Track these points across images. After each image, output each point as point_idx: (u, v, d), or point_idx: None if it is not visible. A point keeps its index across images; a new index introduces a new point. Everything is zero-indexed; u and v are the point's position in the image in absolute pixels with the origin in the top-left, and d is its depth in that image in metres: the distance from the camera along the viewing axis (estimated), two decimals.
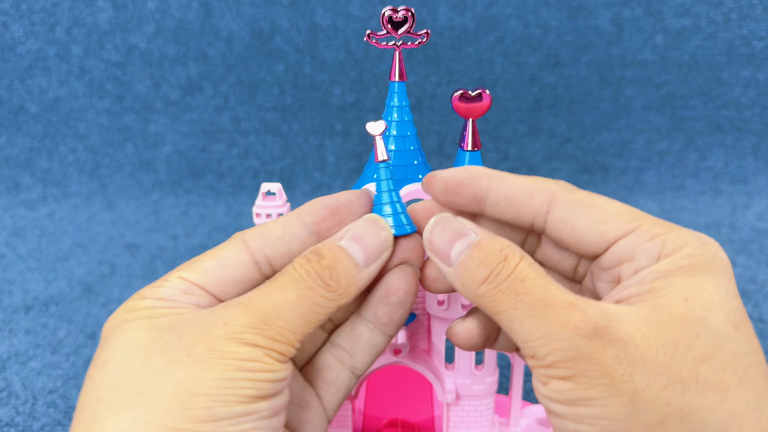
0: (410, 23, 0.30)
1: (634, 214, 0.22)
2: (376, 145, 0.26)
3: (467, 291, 0.22)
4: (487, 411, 0.35)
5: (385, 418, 0.38)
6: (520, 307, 0.21)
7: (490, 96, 0.30)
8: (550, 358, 0.20)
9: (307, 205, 0.26)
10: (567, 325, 0.20)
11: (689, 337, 0.19)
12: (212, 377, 0.20)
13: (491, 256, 0.22)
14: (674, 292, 0.20)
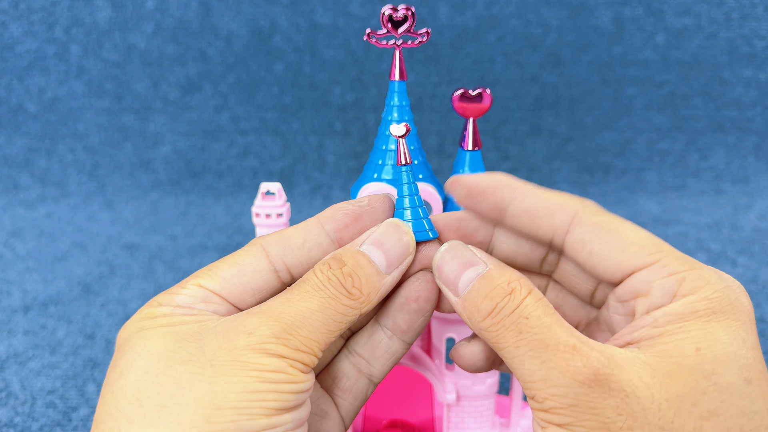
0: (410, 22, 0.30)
1: (656, 245, 0.21)
2: (400, 147, 0.25)
3: (472, 323, 0.22)
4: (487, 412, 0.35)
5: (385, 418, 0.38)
6: (522, 346, 0.20)
7: (491, 95, 0.30)
8: (549, 403, 0.19)
9: (328, 211, 0.25)
10: (567, 369, 0.19)
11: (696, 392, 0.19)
12: (237, 389, 0.19)
13: (497, 289, 0.21)
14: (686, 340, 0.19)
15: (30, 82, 0.80)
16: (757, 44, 0.78)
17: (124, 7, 0.77)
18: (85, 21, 0.78)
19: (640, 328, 0.21)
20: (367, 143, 0.80)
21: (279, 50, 0.78)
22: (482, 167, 0.31)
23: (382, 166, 0.31)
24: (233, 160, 0.81)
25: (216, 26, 0.78)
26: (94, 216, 0.77)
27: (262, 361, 0.20)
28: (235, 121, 0.81)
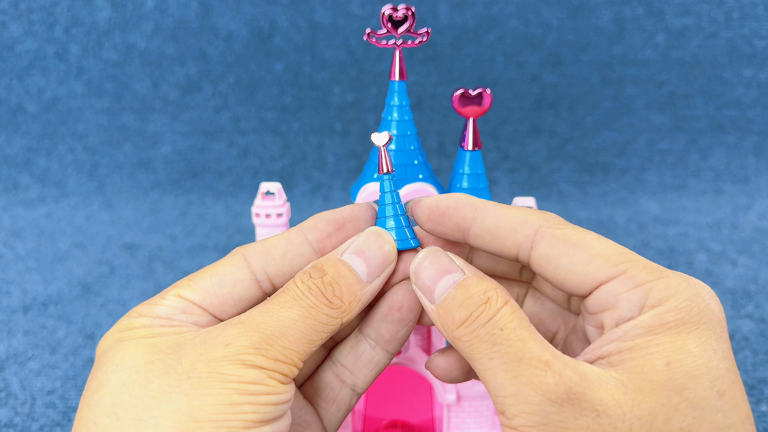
0: (410, 22, 0.30)
1: (622, 255, 0.21)
2: (381, 156, 0.25)
3: (446, 331, 0.21)
4: (487, 412, 0.35)
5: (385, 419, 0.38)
6: (495, 358, 0.20)
7: (491, 95, 0.30)
8: (518, 420, 0.19)
9: (311, 220, 0.25)
10: (539, 386, 0.19)
11: (668, 409, 0.18)
12: (214, 402, 0.19)
13: (473, 298, 0.21)
14: (656, 354, 0.19)
15: (30, 82, 0.80)
16: (757, 44, 0.78)
17: (123, 6, 0.77)
18: (85, 21, 0.78)
19: (609, 342, 0.20)
20: (367, 143, 0.80)
21: (279, 50, 0.78)
22: (482, 167, 0.31)
23: None
24: (233, 160, 0.81)
25: (216, 26, 0.78)
26: (93, 216, 0.77)
27: (239, 373, 0.20)
28: (235, 121, 0.81)
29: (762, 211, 0.76)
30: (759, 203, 0.78)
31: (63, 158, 0.81)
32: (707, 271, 0.63)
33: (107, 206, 0.79)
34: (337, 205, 0.26)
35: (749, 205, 0.78)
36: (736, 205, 0.78)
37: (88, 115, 0.81)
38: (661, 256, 0.65)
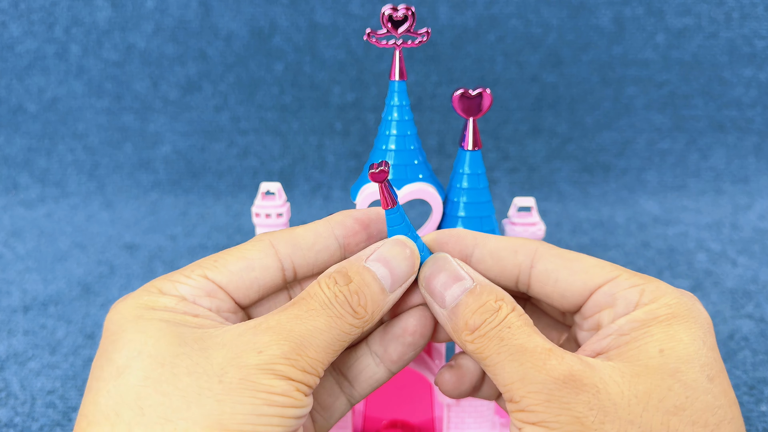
0: (410, 22, 0.30)
1: (614, 266, 0.23)
2: (382, 191, 0.24)
3: (456, 335, 0.23)
4: (487, 412, 0.35)
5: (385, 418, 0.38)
6: (503, 352, 0.21)
7: (491, 95, 0.30)
8: (525, 401, 0.20)
9: (339, 216, 0.25)
10: (543, 368, 0.20)
11: (662, 389, 0.20)
12: (245, 411, 0.19)
13: (486, 306, 0.22)
14: (650, 343, 0.21)
15: (30, 82, 0.80)
16: (757, 44, 0.78)
17: (123, 6, 0.77)
18: (85, 21, 0.78)
19: (606, 336, 0.22)
20: (367, 143, 0.80)
21: (279, 50, 0.78)
22: (482, 167, 0.31)
23: None
24: (233, 160, 0.81)
25: (216, 26, 0.78)
26: (93, 216, 0.77)
27: (271, 383, 0.20)
28: (235, 121, 0.81)
29: (762, 211, 0.76)
30: (759, 203, 0.78)
31: (63, 158, 0.81)
32: (707, 271, 0.63)
33: (107, 206, 0.79)
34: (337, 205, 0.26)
35: (749, 205, 0.78)
36: (736, 205, 0.78)
37: (88, 115, 0.81)
38: (661, 256, 0.65)
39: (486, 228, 0.31)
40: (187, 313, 0.22)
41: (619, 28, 0.77)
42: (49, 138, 0.81)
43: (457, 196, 0.31)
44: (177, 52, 0.78)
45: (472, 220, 0.31)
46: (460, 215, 0.31)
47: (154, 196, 0.80)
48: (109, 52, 0.79)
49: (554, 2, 0.76)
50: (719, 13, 0.77)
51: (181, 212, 0.77)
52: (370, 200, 0.31)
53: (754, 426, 0.41)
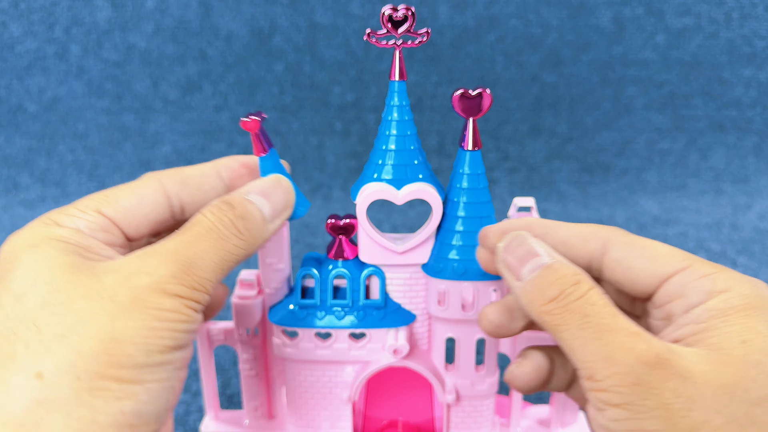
0: (410, 22, 0.30)
1: (685, 254, 0.24)
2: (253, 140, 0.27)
3: (533, 306, 0.23)
4: (487, 412, 0.35)
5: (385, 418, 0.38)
6: (586, 328, 0.21)
7: (491, 95, 0.30)
8: (609, 381, 0.20)
9: (225, 159, 0.28)
10: (631, 351, 0.20)
11: (746, 380, 0.20)
12: (136, 326, 0.20)
13: (564, 278, 0.22)
14: (731, 333, 0.21)
15: (30, 82, 0.80)
16: (757, 44, 0.78)
17: (123, 7, 0.77)
18: (85, 21, 0.78)
19: (683, 326, 0.22)
20: (367, 143, 0.80)
21: (279, 50, 0.78)
22: (482, 167, 0.31)
23: (383, 165, 0.31)
24: None
25: (216, 26, 0.78)
26: None
27: (160, 301, 0.21)
28: (235, 121, 0.81)
29: (762, 211, 0.76)
30: (759, 203, 0.78)
31: (63, 158, 0.82)
32: None
33: None
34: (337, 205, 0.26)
35: (749, 205, 0.78)
36: (736, 205, 0.78)
37: (89, 115, 0.81)
38: None
39: None
40: (81, 245, 0.23)
41: (619, 28, 0.77)
42: (49, 138, 0.81)
43: (457, 196, 0.31)
44: (177, 52, 0.78)
45: (472, 220, 0.31)
46: (460, 215, 0.31)
47: None
48: (109, 52, 0.79)
49: (554, 2, 0.76)
50: (719, 13, 0.77)
51: None
52: (370, 200, 0.31)
53: None
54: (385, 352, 0.33)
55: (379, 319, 0.33)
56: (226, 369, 0.47)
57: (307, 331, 0.33)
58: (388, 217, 0.75)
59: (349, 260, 0.33)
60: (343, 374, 0.34)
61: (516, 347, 0.34)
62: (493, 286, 0.32)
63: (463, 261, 0.31)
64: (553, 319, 0.22)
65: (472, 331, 0.33)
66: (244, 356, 0.35)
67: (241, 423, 0.37)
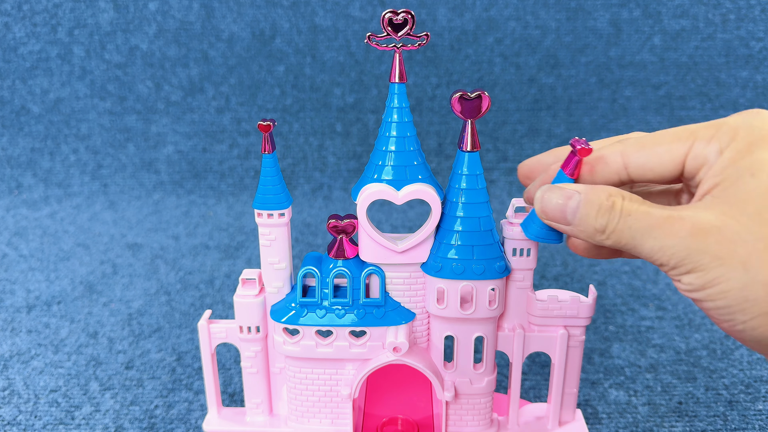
0: (410, 25, 0.30)
1: (687, 130, 0.27)
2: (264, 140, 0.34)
3: (592, 239, 0.27)
4: (485, 409, 0.36)
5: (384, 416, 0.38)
6: (636, 236, 0.25)
7: (489, 97, 0.30)
8: (672, 262, 0.25)
9: None
10: (673, 234, 0.24)
11: (762, 204, 0.24)
12: None
13: (602, 208, 0.26)
14: (742, 171, 0.24)
15: (33, 84, 0.81)
16: (753, 46, 0.79)
17: (126, 9, 0.78)
18: (88, 23, 0.78)
19: (707, 181, 0.26)
20: (367, 144, 0.80)
21: (280, 52, 0.79)
22: (480, 168, 0.32)
23: (383, 166, 0.32)
24: (235, 161, 0.82)
25: (218, 28, 0.78)
26: (97, 216, 0.77)
27: None
28: (237, 122, 0.81)
29: None
30: None
31: (66, 159, 0.82)
32: None
33: (110, 206, 0.79)
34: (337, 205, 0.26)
35: None
36: None
37: (92, 117, 0.81)
38: None
39: (484, 228, 0.32)
40: None
41: (617, 30, 0.78)
42: (52, 139, 0.82)
43: (456, 196, 0.32)
44: (179, 54, 0.79)
45: (471, 221, 0.32)
46: (459, 215, 0.32)
47: (157, 197, 0.81)
48: (111, 54, 0.79)
49: (552, 5, 0.77)
50: (716, 15, 0.78)
51: (184, 212, 0.78)
52: (371, 200, 0.32)
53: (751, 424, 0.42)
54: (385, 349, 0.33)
55: (379, 318, 0.33)
56: (228, 367, 0.48)
57: (308, 329, 0.33)
58: (387, 217, 0.76)
59: (350, 259, 0.33)
60: (344, 372, 0.35)
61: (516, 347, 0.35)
62: (491, 285, 0.32)
63: (462, 260, 0.32)
64: (612, 242, 0.26)
65: (470, 330, 0.33)
66: (246, 354, 0.35)
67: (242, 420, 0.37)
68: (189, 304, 0.57)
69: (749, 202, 0.24)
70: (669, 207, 0.26)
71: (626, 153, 0.28)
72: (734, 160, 0.25)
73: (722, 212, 0.24)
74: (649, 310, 0.55)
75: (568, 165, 0.28)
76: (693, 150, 0.26)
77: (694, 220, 0.24)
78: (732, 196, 0.24)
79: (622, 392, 0.45)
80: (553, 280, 0.61)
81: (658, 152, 0.27)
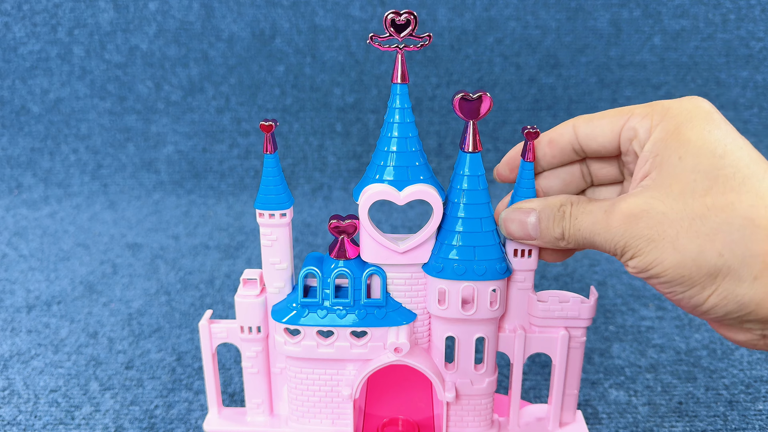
0: (412, 26, 0.30)
1: (628, 108, 0.29)
2: (266, 139, 0.33)
3: (556, 246, 0.30)
4: (486, 410, 0.36)
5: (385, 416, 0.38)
6: (586, 235, 0.28)
7: (491, 98, 0.30)
8: (617, 250, 0.27)
9: None
10: (611, 225, 0.27)
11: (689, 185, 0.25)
12: None
13: (556, 218, 0.29)
14: (670, 155, 0.26)
15: (33, 83, 0.80)
16: (753, 46, 0.79)
17: (126, 9, 0.78)
18: (88, 23, 0.78)
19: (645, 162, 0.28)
20: (368, 144, 0.80)
21: (280, 52, 0.79)
22: (482, 169, 0.32)
23: (384, 167, 0.32)
24: (235, 161, 0.82)
25: (218, 28, 0.78)
26: (96, 216, 0.77)
27: None
28: (237, 122, 0.81)
29: None
30: None
31: (66, 159, 0.82)
32: None
33: (110, 206, 0.79)
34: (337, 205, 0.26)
35: None
36: None
37: (92, 116, 0.81)
38: None
39: (485, 229, 0.32)
40: None
41: (617, 30, 0.78)
42: (52, 139, 0.82)
43: (457, 197, 0.32)
44: (179, 53, 0.79)
45: (472, 221, 0.32)
46: (460, 216, 0.32)
47: (157, 197, 0.81)
48: (111, 53, 0.79)
49: (552, 5, 0.77)
50: (716, 15, 0.78)
51: (184, 212, 0.78)
52: (372, 200, 0.32)
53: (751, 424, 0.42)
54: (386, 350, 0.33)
55: (380, 318, 0.33)
56: (228, 367, 0.48)
57: (309, 330, 0.33)
58: (388, 217, 0.76)
59: (351, 260, 0.33)
60: (345, 372, 0.35)
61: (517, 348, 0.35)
62: (493, 286, 0.32)
63: (463, 261, 0.32)
64: (573, 245, 0.30)
65: (471, 330, 0.33)
66: (247, 354, 0.35)
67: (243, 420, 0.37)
68: (189, 304, 0.57)
69: (674, 183, 0.26)
70: (608, 200, 0.28)
71: (577, 125, 0.31)
72: (664, 140, 0.27)
73: (651, 196, 0.26)
74: (649, 310, 0.55)
75: (524, 152, 0.32)
76: (628, 123, 0.29)
77: (625, 208, 0.27)
78: (659, 180, 0.26)
79: (622, 392, 0.45)
80: (553, 280, 0.61)
81: (601, 124, 0.30)
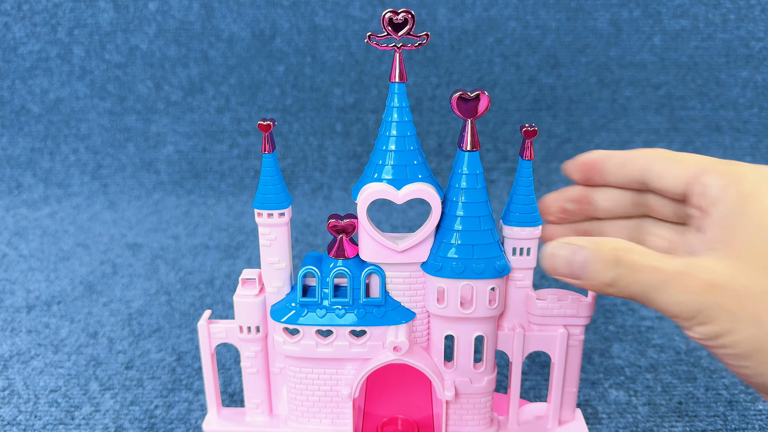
0: (410, 25, 0.30)
1: (705, 159, 0.29)
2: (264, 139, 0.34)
3: (602, 291, 0.28)
4: (485, 409, 0.36)
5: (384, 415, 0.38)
6: (647, 291, 0.26)
7: (489, 97, 0.30)
8: (685, 314, 0.26)
9: None
10: (686, 290, 0.25)
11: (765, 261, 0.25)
12: None
13: (609, 263, 0.27)
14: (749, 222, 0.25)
15: (33, 83, 0.81)
16: (753, 46, 0.79)
17: (126, 9, 0.78)
18: (88, 23, 0.78)
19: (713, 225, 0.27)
20: (367, 144, 0.80)
21: (280, 52, 0.79)
22: (480, 167, 0.32)
23: (383, 166, 0.32)
24: (235, 161, 0.82)
25: (218, 28, 0.78)
26: (96, 216, 0.77)
27: None
28: (237, 122, 0.81)
29: None
30: None
31: (66, 159, 0.82)
32: None
33: (110, 206, 0.79)
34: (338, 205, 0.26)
35: None
36: None
37: (92, 116, 0.81)
38: None
39: (484, 227, 0.32)
40: None
41: (617, 30, 0.78)
42: (52, 139, 0.82)
43: (456, 195, 0.32)
44: (179, 53, 0.79)
45: (471, 220, 0.32)
46: (459, 215, 0.32)
47: (157, 197, 0.81)
48: (111, 53, 0.79)
49: (552, 5, 0.77)
50: (716, 15, 0.78)
51: (184, 212, 0.78)
52: (371, 200, 0.32)
53: (751, 424, 0.42)
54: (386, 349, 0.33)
55: (379, 317, 0.33)
56: (228, 367, 0.48)
57: (308, 329, 0.33)
58: (387, 216, 0.76)
59: (350, 259, 0.33)
60: (344, 371, 0.35)
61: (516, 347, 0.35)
62: (491, 284, 0.32)
63: (462, 260, 0.32)
64: (620, 294, 0.27)
65: (470, 329, 0.33)
66: (246, 354, 0.35)
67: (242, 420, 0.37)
68: (189, 304, 0.58)
69: (758, 256, 0.25)
70: (677, 258, 0.26)
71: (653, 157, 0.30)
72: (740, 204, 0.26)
73: (732, 267, 0.25)
74: (649, 310, 0.55)
75: (522, 150, 0.31)
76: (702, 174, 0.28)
77: (705, 276, 0.25)
78: (741, 249, 0.25)
79: (622, 392, 0.45)
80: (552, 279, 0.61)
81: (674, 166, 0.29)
